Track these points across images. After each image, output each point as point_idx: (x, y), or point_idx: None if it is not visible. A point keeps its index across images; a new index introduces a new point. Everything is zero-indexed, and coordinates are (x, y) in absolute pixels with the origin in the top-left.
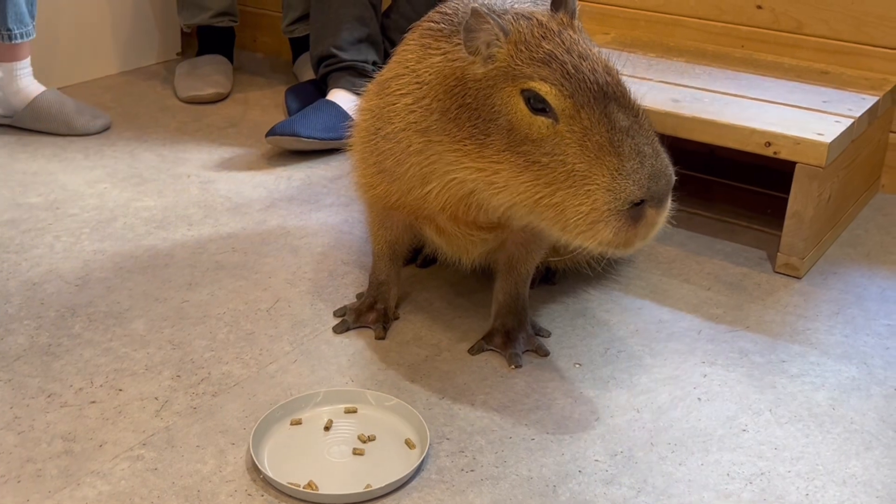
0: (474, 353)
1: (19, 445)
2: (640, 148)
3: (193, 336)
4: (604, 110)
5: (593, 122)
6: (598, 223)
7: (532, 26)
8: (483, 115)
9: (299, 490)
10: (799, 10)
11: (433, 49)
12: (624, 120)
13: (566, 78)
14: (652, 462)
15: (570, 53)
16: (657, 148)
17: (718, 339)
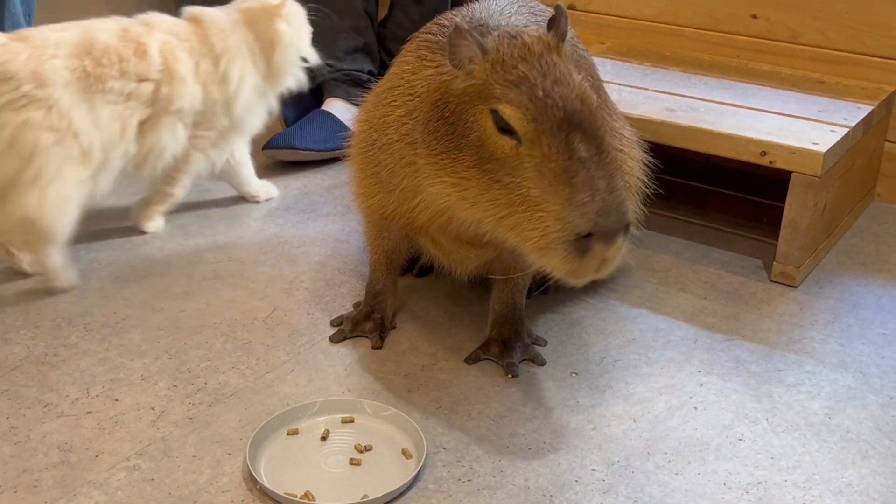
0: (471, 363)
1: (16, 456)
2: (594, 181)
3: (190, 346)
4: (566, 139)
5: (552, 149)
6: (548, 250)
7: (513, 46)
8: (458, 130)
9: (296, 500)
10: (794, 19)
11: (428, 61)
12: (584, 151)
13: (532, 102)
14: (649, 471)
15: (545, 77)
16: (614, 184)
17: (714, 348)
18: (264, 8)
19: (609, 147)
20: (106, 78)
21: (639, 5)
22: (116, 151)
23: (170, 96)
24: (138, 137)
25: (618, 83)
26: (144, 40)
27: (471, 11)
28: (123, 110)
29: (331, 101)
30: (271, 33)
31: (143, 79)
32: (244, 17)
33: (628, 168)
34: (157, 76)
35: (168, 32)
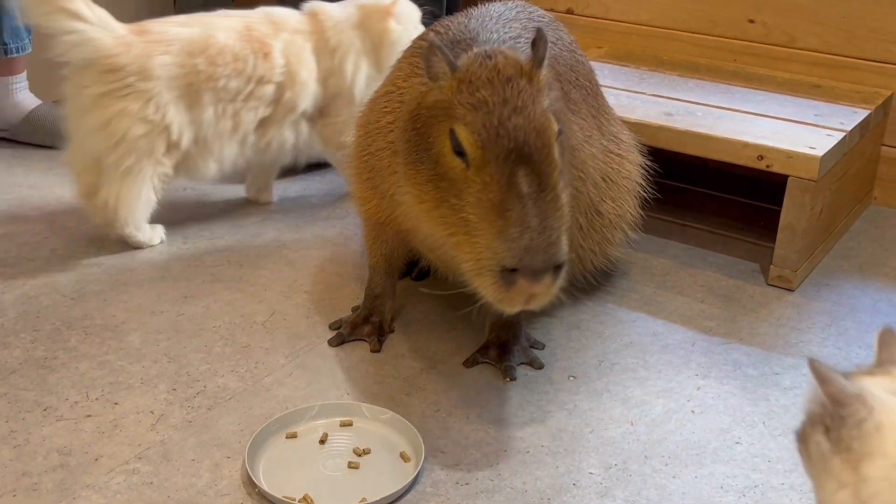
0: (469, 366)
1: (15, 459)
2: (528, 219)
3: (189, 349)
4: (510, 171)
5: (494, 178)
6: (479, 275)
7: (484, 67)
8: (423, 143)
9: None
10: (791, 23)
11: (419, 68)
12: (526, 186)
13: (485, 129)
14: (646, 475)
15: (505, 105)
16: (548, 224)
17: (712, 351)
18: (378, 6)
19: (555, 184)
20: (218, 76)
21: (636, 9)
22: (228, 146)
23: (293, 99)
24: (259, 131)
25: (615, 87)
26: (269, 41)
27: (467, 18)
28: (240, 108)
29: None
30: (382, 31)
31: (265, 81)
32: (359, 13)
33: (626, 172)
34: (280, 78)
35: (292, 32)
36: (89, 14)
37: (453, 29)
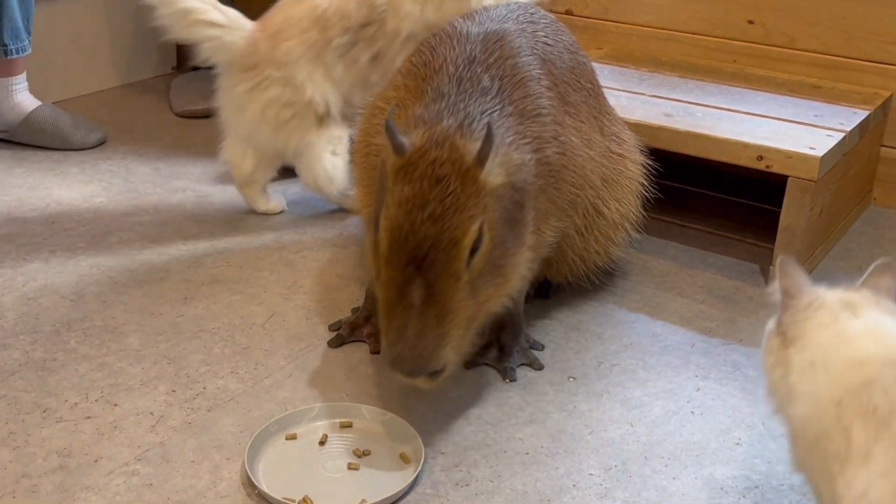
0: (469, 367)
1: (14, 461)
2: (405, 330)
3: (188, 350)
4: (407, 277)
5: (392, 281)
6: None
7: (424, 160)
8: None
9: None
10: (790, 25)
11: (417, 67)
12: (416, 297)
13: (397, 230)
14: (646, 476)
15: (423, 209)
16: (426, 339)
17: (712, 352)
18: None
19: (446, 299)
20: (332, 38)
21: (636, 11)
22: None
23: (397, 28)
24: (372, 66)
25: (615, 88)
26: None
27: (460, 41)
28: (355, 56)
29: None
30: None
31: (366, 23)
32: None
33: (628, 172)
34: (382, 16)
35: None
36: (223, 20)
37: (446, 35)
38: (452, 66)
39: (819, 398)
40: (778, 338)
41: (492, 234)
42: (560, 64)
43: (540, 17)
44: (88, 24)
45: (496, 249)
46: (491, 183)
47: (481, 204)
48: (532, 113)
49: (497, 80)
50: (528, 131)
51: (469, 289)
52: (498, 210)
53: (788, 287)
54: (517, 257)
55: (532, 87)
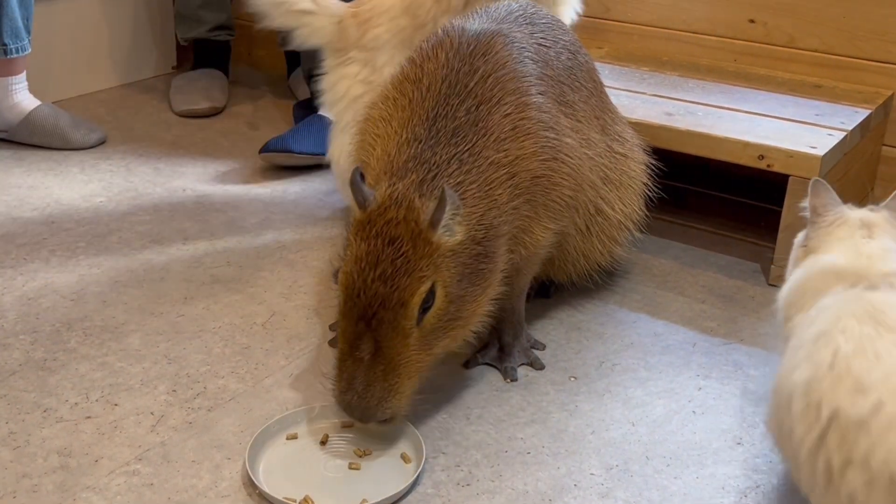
0: (470, 367)
1: (15, 461)
2: (354, 381)
3: (189, 350)
4: (358, 332)
5: (345, 334)
6: None
7: (381, 218)
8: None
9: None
10: (791, 24)
11: (390, 93)
12: (363, 350)
13: (350, 287)
14: (647, 475)
15: (375, 268)
16: (372, 391)
17: (713, 352)
18: None
19: (393, 355)
20: (423, 23)
21: (637, 10)
22: None
23: None
24: None
25: (616, 87)
26: None
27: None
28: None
29: None
30: None
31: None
32: None
33: (631, 172)
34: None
35: None
36: (312, 7)
37: (433, 48)
38: (433, 98)
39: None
40: (803, 249)
41: (446, 292)
42: (557, 65)
43: (540, 18)
44: (88, 24)
45: (452, 305)
46: (446, 244)
47: (433, 265)
48: (512, 132)
49: (474, 108)
50: (504, 159)
51: (420, 343)
52: (455, 267)
53: (817, 206)
54: (477, 305)
55: (516, 100)
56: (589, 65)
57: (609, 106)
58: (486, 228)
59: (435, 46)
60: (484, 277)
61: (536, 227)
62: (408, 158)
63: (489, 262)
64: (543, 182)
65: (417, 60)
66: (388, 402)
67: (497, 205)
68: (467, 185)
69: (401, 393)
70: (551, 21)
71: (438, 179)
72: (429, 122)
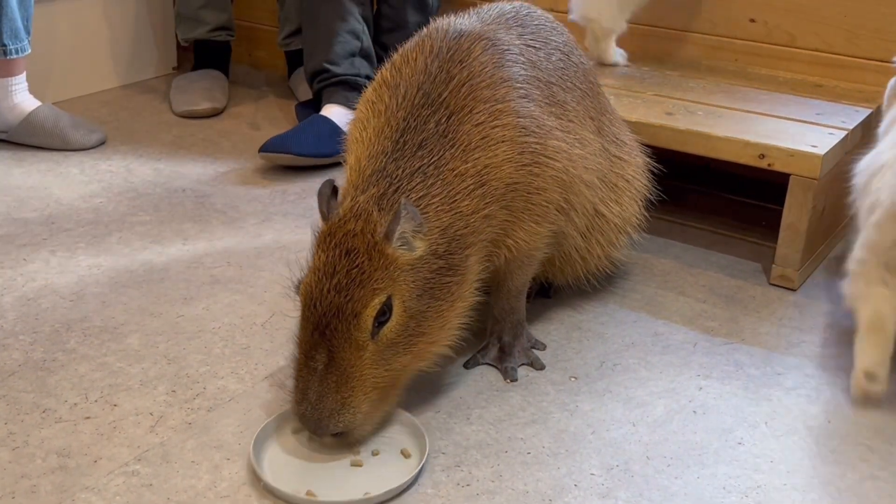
0: (470, 367)
1: (13, 461)
2: (307, 391)
3: (188, 351)
4: (313, 342)
5: (301, 343)
6: None
7: (339, 231)
8: None
9: (300, 497)
10: (792, 23)
11: (371, 96)
12: (317, 360)
13: (307, 297)
14: (648, 476)
15: (332, 278)
16: (326, 402)
17: (714, 351)
18: None
19: (345, 366)
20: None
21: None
22: None
23: None
24: None
25: (616, 87)
26: None
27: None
28: None
29: (329, 106)
30: None
31: None
32: None
33: (628, 175)
34: None
35: None
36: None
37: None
38: (405, 108)
39: None
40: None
41: (405, 306)
42: (547, 66)
43: (532, 19)
44: (88, 25)
45: (412, 320)
46: (403, 258)
47: (389, 278)
48: (482, 141)
49: (444, 120)
50: (471, 169)
51: (376, 357)
52: (414, 281)
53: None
54: (443, 321)
55: (489, 108)
56: (584, 66)
57: (607, 108)
58: (448, 241)
59: (415, 50)
60: (450, 291)
61: (520, 231)
62: (372, 172)
63: (454, 276)
64: (521, 188)
65: (397, 63)
66: (340, 415)
67: (462, 216)
68: (430, 199)
69: (354, 407)
70: (544, 22)
71: (399, 193)
72: (397, 133)
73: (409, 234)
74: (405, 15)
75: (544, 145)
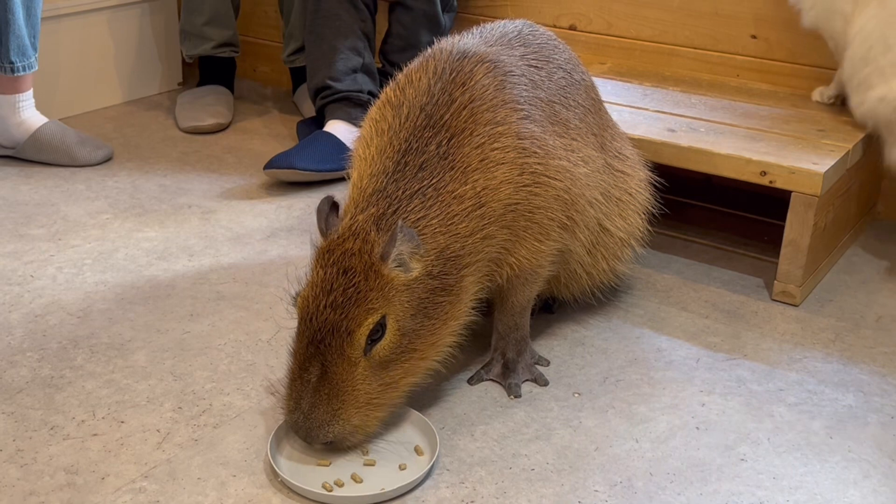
0: (474, 384)
1: (22, 479)
2: (300, 401)
3: (195, 367)
4: (308, 355)
5: (296, 355)
6: None
7: (337, 248)
8: None
9: (319, 493)
10: (792, 39)
11: (375, 115)
12: (311, 372)
13: (304, 311)
14: (651, 492)
15: (328, 295)
16: (317, 413)
17: (716, 367)
18: None
19: (338, 380)
20: None
21: (639, 26)
22: None
23: None
24: None
25: (618, 103)
26: None
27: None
28: None
29: (332, 122)
30: None
31: None
32: None
33: (631, 189)
34: None
35: None
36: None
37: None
38: (408, 129)
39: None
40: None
41: (399, 325)
42: (549, 85)
43: (534, 38)
44: (94, 42)
45: (405, 338)
46: (398, 278)
47: (384, 297)
48: (481, 164)
49: (445, 142)
50: (470, 191)
51: (368, 373)
52: (409, 301)
53: None
54: (436, 336)
55: (490, 131)
56: (586, 82)
57: (609, 123)
58: (444, 262)
59: (419, 70)
60: (443, 310)
61: (522, 249)
62: (373, 191)
63: (448, 296)
64: (521, 208)
65: (401, 83)
66: (330, 426)
67: (459, 238)
68: (428, 221)
69: (344, 419)
70: (546, 41)
71: (398, 214)
72: (399, 153)
73: (405, 256)
74: (418, 35)
75: (546, 165)
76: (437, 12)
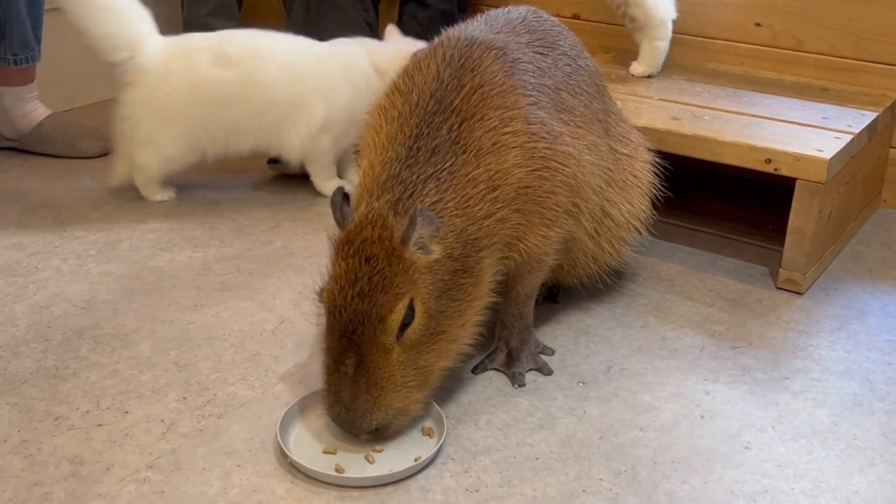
0: (478, 373)
1: (27, 469)
2: (340, 393)
3: (199, 357)
4: (342, 347)
5: (329, 349)
6: None
7: (357, 237)
8: None
9: (326, 474)
10: (797, 27)
11: (384, 102)
12: (347, 364)
13: (332, 304)
14: (656, 480)
15: (353, 285)
16: (358, 403)
17: (721, 356)
18: None
19: (375, 369)
20: None
21: None
22: None
23: None
24: None
25: (622, 92)
26: None
27: (438, 66)
28: None
29: None
30: None
31: None
32: None
33: (636, 172)
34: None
35: None
36: None
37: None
38: (418, 115)
39: None
40: None
41: (426, 308)
42: (555, 72)
43: (539, 25)
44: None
45: (432, 320)
46: (420, 261)
47: (409, 281)
48: (493, 147)
49: (457, 126)
50: (483, 174)
51: (403, 358)
52: (433, 283)
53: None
54: (462, 318)
55: (500, 115)
56: (591, 68)
57: (612, 108)
58: (463, 244)
59: (427, 57)
60: (466, 292)
61: (531, 235)
62: (387, 178)
63: (469, 277)
64: (532, 192)
65: (410, 71)
66: (373, 414)
67: (475, 220)
68: (444, 204)
69: (386, 405)
70: (551, 27)
71: (414, 198)
72: (411, 139)
73: (425, 238)
74: (430, 32)
75: (554, 150)
76: (455, 12)
